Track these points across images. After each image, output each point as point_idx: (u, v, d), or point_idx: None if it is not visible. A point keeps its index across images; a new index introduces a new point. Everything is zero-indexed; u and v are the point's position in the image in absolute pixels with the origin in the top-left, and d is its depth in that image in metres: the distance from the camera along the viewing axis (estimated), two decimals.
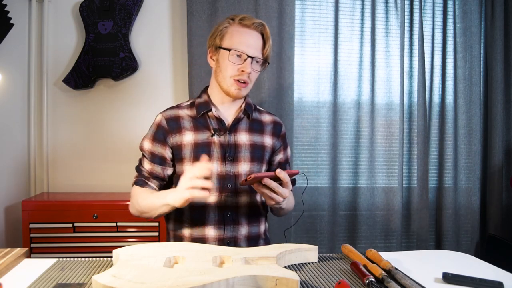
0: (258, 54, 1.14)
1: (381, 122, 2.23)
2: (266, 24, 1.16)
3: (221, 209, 1.16)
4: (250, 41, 1.13)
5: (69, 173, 2.08)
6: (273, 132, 1.26)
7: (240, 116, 1.20)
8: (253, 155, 1.19)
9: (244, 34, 1.13)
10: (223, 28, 1.15)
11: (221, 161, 1.15)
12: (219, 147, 1.15)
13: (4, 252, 0.92)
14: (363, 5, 2.19)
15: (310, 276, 0.86)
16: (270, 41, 1.17)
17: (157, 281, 0.69)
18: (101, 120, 2.09)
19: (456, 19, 2.25)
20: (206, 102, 1.19)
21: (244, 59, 1.12)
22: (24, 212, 1.72)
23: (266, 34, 1.15)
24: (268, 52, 1.17)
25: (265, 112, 1.30)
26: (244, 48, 1.11)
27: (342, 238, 2.22)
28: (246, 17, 1.15)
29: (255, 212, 1.22)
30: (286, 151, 1.31)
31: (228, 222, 1.16)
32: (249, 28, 1.14)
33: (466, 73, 2.25)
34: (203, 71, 2.02)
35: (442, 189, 2.27)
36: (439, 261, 1.00)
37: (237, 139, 1.18)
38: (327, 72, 2.19)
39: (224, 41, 1.14)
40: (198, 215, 1.15)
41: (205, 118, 1.18)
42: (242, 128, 1.20)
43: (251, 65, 1.12)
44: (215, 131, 1.16)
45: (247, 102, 1.23)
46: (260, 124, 1.25)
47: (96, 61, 2.00)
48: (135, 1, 2.01)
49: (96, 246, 1.77)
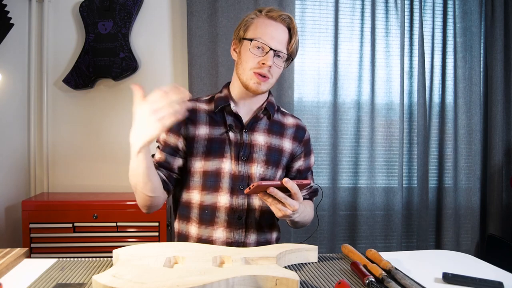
0: (281, 48, 1.07)
1: (381, 122, 2.23)
2: (293, 18, 1.10)
3: (231, 211, 1.10)
4: (275, 33, 1.06)
5: (69, 173, 2.08)
6: (295, 136, 1.19)
7: (259, 115, 1.14)
8: (268, 157, 1.13)
9: (269, 26, 1.07)
10: (249, 19, 1.10)
11: (235, 160, 1.10)
12: (234, 145, 1.10)
13: (4, 252, 0.91)
14: (363, 5, 2.19)
15: (310, 276, 0.86)
16: (297, 36, 1.10)
17: (157, 281, 0.69)
18: (101, 120, 2.09)
19: (456, 19, 2.25)
20: (226, 96, 1.13)
21: (266, 52, 1.05)
22: (24, 212, 1.72)
23: (293, 28, 1.09)
24: (294, 47, 1.10)
25: (289, 115, 1.23)
26: (267, 40, 1.05)
27: (342, 238, 2.22)
28: (273, 9, 1.09)
29: (267, 217, 1.15)
30: (308, 159, 1.23)
31: (237, 226, 1.11)
32: (275, 20, 1.07)
33: (466, 73, 2.25)
34: (203, 71, 2.03)
35: (442, 189, 2.27)
36: (439, 261, 1.00)
37: (253, 139, 1.13)
38: (327, 72, 2.19)
39: (248, 32, 1.08)
40: (207, 215, 1.10)
41: (222, 113, 1.13)
42: (260, 128, 1.15)
43: (273, 58, 1.05)
44: (230, 127, 1.11)
45: (270, 101, 1.17)
46: (281, 126, 1.18)
47: (96, 61, 2.00)
48: (135, 1, 2.01)
49: (96, 246, 1.76)
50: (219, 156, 1.10)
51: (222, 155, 1.10)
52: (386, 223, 2.23)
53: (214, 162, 1.10)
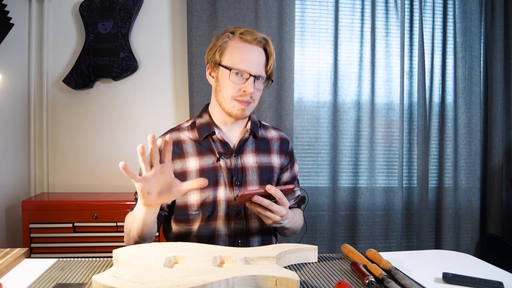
0: (260, 71, 1.05)
1: (381, 122, 2.23)
2: (269, 39, 1.08)
3: (231, 237, 1.09)
4: (252, 57, 1.04)
5: (69, 173, 2.08)
6: (281, 150, 1.19)
7: (245, 136, 1.13)
8: (261, 177, 1.12)
9: (245, 51, 1.04)
10: (223, 43, 1.06)
11: (229, 186, 1.08)
12: (226, 172, 1.08)
13: (4, 252, 0.91)
14: (363, 5, 2.19)
15: (310, 276, 0.86)
16: (274, 56, 1.09)
17: (157, 281, 0.69)
18: (101, 120, 2.09)
19: (456, 19, 2.25)
20: (208, 123, 1.11)
21: (246, 78, 1.03)
22: (24, 212, 1.72)
23: (270, 50, 1.07)
24: (271, 68, 1.08)
25: (270, 128, 1.23)
26: (246, 67, 1.03)
27: (342, 238, 2.22)
28: (247, 31, 1.06)
29: (266, 237, 1.15)
30: (293, 169, 1.23)
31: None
32: (251, 43, 1.05)
33: (466, 73, 2.25)
34: (203, 71, 2.02)
35: (442, 189, 2.27)
36: (439, 261, 1.00)
37: (244, 162, 1.11)
38: (327, 72, 2.19)
39: (224, 57, 1.05)
40: (207, 243, 1.06)
41: (208, 141, 1.10)
42: (248, 150, 1.13)
43: (253, 84, 1.04)
44: (221, 155, 1.08)
45: (253, 120, 1.15)
46: (266, 142, 1.18)
47: (96, 61, 2.00)
48: (135, 1, 2.01)
49: (96, 246, 1.76)
50: (214, 185, 1.08)
51: (217, 184, 1.08)
52: (386, 223, 2.23)
53: (210, 192, 1.08)
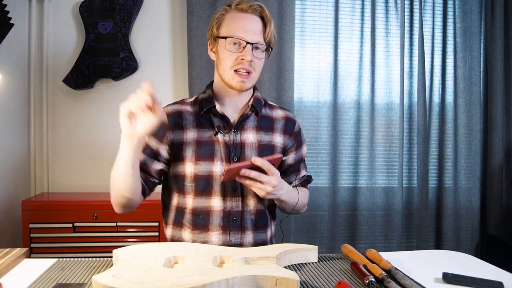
0: (258, 39, 1.04)
1: (381, 122, 2.23)
2: (265, 6, 1.07)
3: (226, 214, 1.07)
4: (248, 25, 1.03)
5: (69, 173, 2.08)
6: (285, 129, 1.17)
7: (247, 112, 1.11)
8: (261, 155, 1.08)
9: (241, 19, 1.04)
10: (220, 16, 1.07)
11: (226, 161, 1.07)
12: (224, 147, 1.07)
13: (4, 252, 0.91)
14: (363, 5, 2.19)
15: (310, 276, 0.86)
16: (272, 24, 1.07)
17: (157, 281, 0.69)
18: (101, 120, 2.09)
19: (456, 19, 2.25)
20: (210, 97, 1.11)
21: (244, 46, 1.02)
22: (24, 212, 1.72)
23: (266, 17, 1.06)
24: (270, 36, 1.06)
25: (277, 107, 1.20)
26: (242, 34, 1.02)
27: (342, 238, 2.22)
28: (242, 1, 1.06)
29: (262, 217, 1.13)
30: (299, 151, 1.20)
31: (233, 228, 1.08)
32: (247, 12, 1.04)
33: (466, 73, 2.25)
34: (203, 71, 2.02)
35: (442, 189, 2.27)
36: (439, 261, 1.00)
37: (243, 138, 1.10)
38: (327, 72, 2.19)
39: (221, 29, 1.06)
40: (201, 220, 1.07)
41: (209, 115, 1.10)
42: (250, 126, 1.12)
43: (251, 52, 1.02)
44: (219, 129, 1.08)
45: (256, 97, 1.13)
46: (270, 121, 1.15)
47: (96, 61, 2.00)
48: (135, 1, 2.01)
49: (96, 246, 1.76)
50: (209, 159, 1.07)
51: (213, 158, 1.07)
52: (386, 223, 2.23)
53: (205, 165, 1.07)
